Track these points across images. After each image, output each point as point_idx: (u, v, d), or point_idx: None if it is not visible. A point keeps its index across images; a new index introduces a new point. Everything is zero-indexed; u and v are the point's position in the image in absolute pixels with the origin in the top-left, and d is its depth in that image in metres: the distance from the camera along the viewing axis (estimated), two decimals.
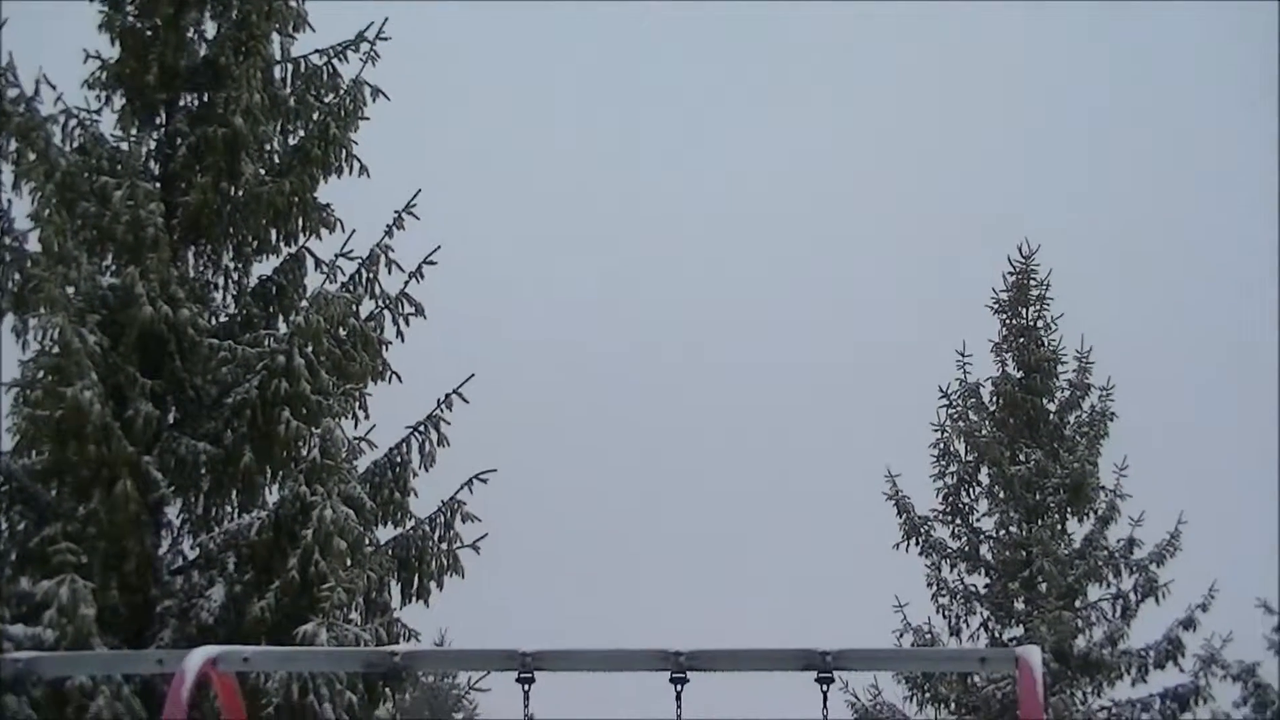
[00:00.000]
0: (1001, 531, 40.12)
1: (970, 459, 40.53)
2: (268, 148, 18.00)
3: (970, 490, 40.76)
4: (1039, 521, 38.98)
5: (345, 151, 18.10)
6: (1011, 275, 39.37)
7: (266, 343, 16.83)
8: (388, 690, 16.73)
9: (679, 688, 7.17)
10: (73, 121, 17.43)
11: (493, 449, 19.54)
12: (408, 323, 18.16)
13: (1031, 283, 39.34)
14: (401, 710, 18.46)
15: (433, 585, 17.51)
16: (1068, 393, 40.54)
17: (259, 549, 15.87)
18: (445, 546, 17.64)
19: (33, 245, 16.67)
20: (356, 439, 17.91)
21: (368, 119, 18.43)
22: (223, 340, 16.89)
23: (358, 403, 17.58)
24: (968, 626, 39.66)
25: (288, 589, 15.38)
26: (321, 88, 18.32)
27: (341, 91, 18.25)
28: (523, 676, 7.21)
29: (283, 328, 17.43)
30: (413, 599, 17.50)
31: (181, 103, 17.82)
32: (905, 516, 40.51)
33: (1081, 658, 37.95)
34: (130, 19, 17.64)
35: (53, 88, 17.38)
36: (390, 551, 17.50)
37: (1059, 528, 39.27)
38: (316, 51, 18.41)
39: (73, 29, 17.91)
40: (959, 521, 40.70)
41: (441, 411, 17.98)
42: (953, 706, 39.51)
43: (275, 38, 18.05)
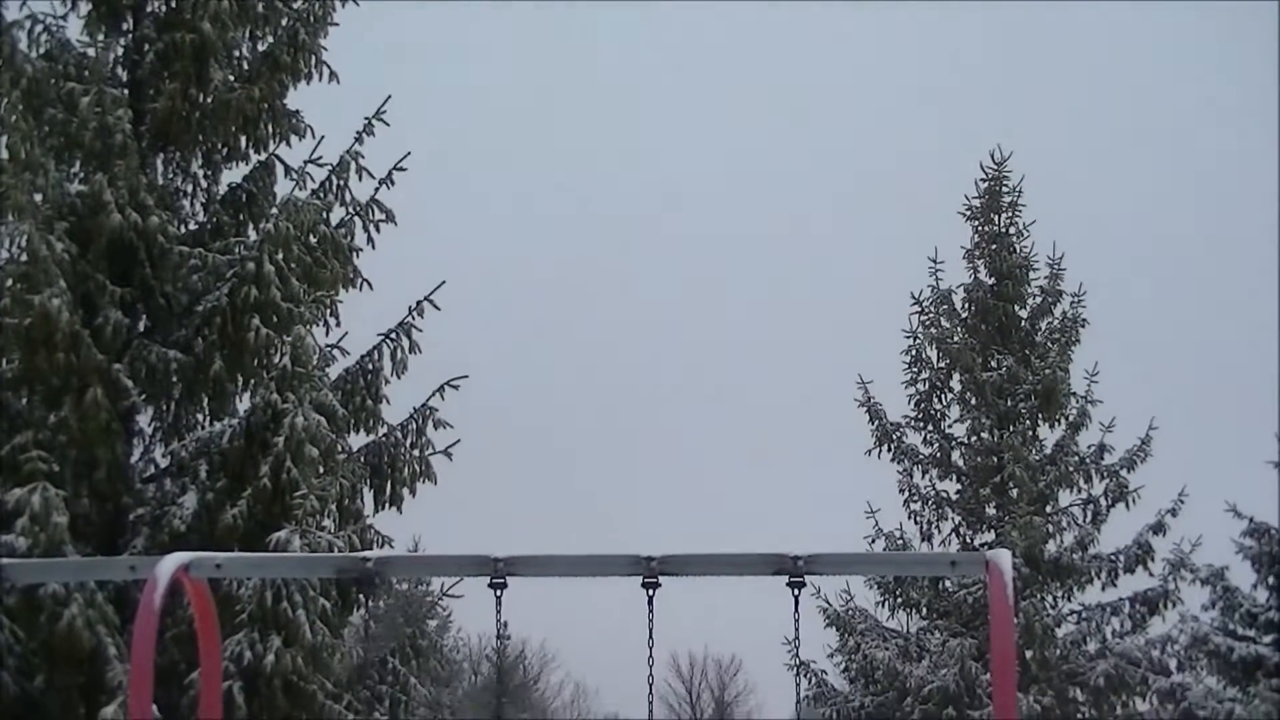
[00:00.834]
0: (973, 437, 40.28)
1: (942, 365, 40.63)
2: (236, 54, 17.83)
3: (942, 396, 40.88)
4: (1010, 427, 39.13)
5: (314, 58, 17.93)
6: (984, 182, 39.33)
7: (236, 250, 16.75)
8: (361, 596, 16.78)
9: (651, 592, 7.17)
10: (39, 27, 17.23)
11: (465, 356, 19.51)
12: (378, 230, 18.06)
13: (1003, 189, 39.31)
14: (375, 617, 18.52)
15: (405, 492, 17.52)
16: (1039, 299, 40.62)
17: (231, 456, 15.85)
18: (417, 453, 17.63)
19: None
20: (328, 346, 17.87)
21: (337, 25, 18.26)
22: (192, 248, 16.80)
23: (329, 310, 17.52)
24: (939, 532, 39.87)
25: (260, 496, 15.38)
26: None
27: None
28: (495, 582, 7.21)
29: (253, 235, 17.34)
30: (385, 506, 17.51)
31: (149, 8, 17.61)
32: (877, 423, 40.64)
33: (1052, 562, 38.21)
34: None
35: None
36: (362, 458, 17.49)
37: (1030, 434, 39.43)
38: None
39: None
40: (930, 428, 40.84)
41: (413, 319, 17.93)
42: (924, 611, 39.80)
43: None
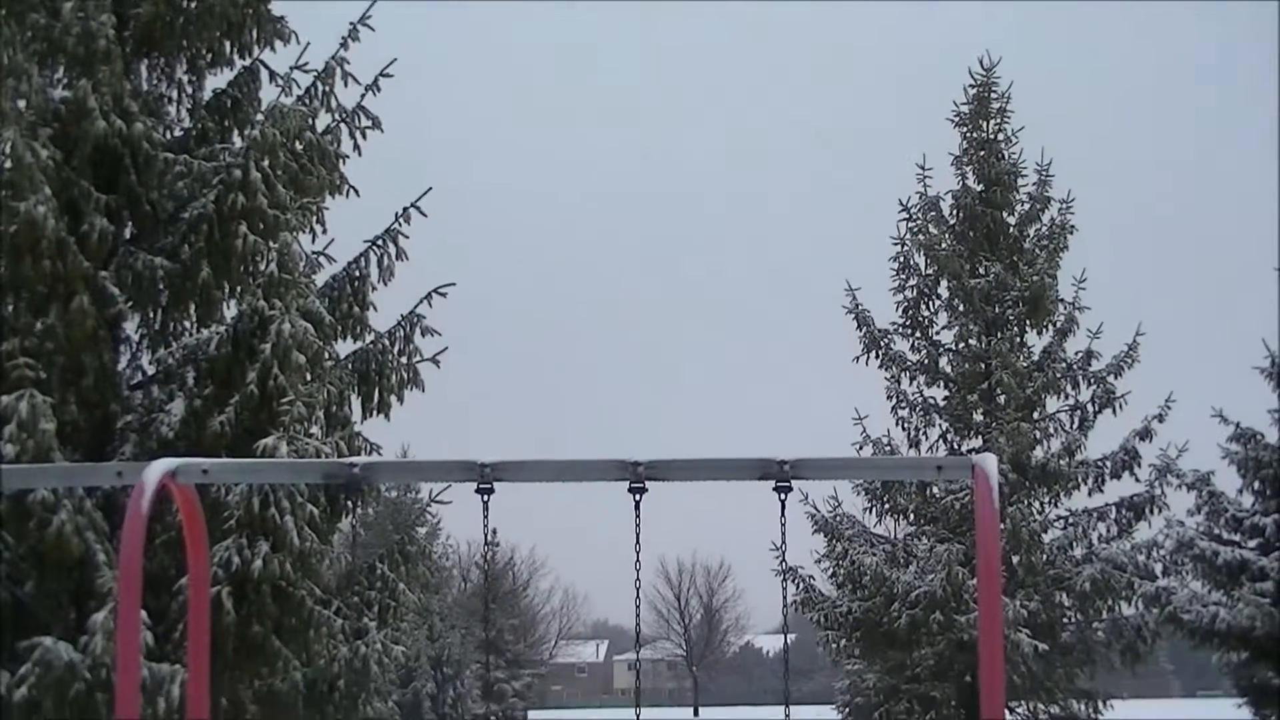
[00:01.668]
0: (960, 344, 40.38)
1: (930, 272, 40.68)
2: None
3: (930, 303, 40.96)
4: (998, 334, 39.24)
5: None
6: (972, 88, 39.23)
7: (222, 157, 16.65)
8: (349, 503, 16.84)
9: (637, 498, 7.19)
10: None
11: (452, 263, 19.48)
12: (364, 136, 17.97)
13: (992, 95, 39.24)
14: (364, 524, 18.59)
15: (393, 399, 17.53)
16: (1027, 206, 40.62)
17: (218, 364, 15.83)
18: (405, 360, 17.63)
19: None
20: (314, 253, 17.84)
21: None
22: (178, 154, 16.70)
23: (315, 217, 17.46)
24: (927, 439, 40.04)
25: (247, 403, 15.39)
26: None
27: None
28: (482, 487, 7.22)
29: (238, 142, 17.23)
30: (373, 413, 17.53)
31: None
32: (865, 330, 40.73)
33: (1039, 468, 38.41)
34: None
35: None
36: (350, 365, 17.49)
37: (1018, 340, 39.55)
38: None
39: None
40: (918, 334, 40.95)
41: (400, 225, 17.87)
42: (911, 517, 40.05)
43: None
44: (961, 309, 40.02)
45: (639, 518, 7.35)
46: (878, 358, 40.69)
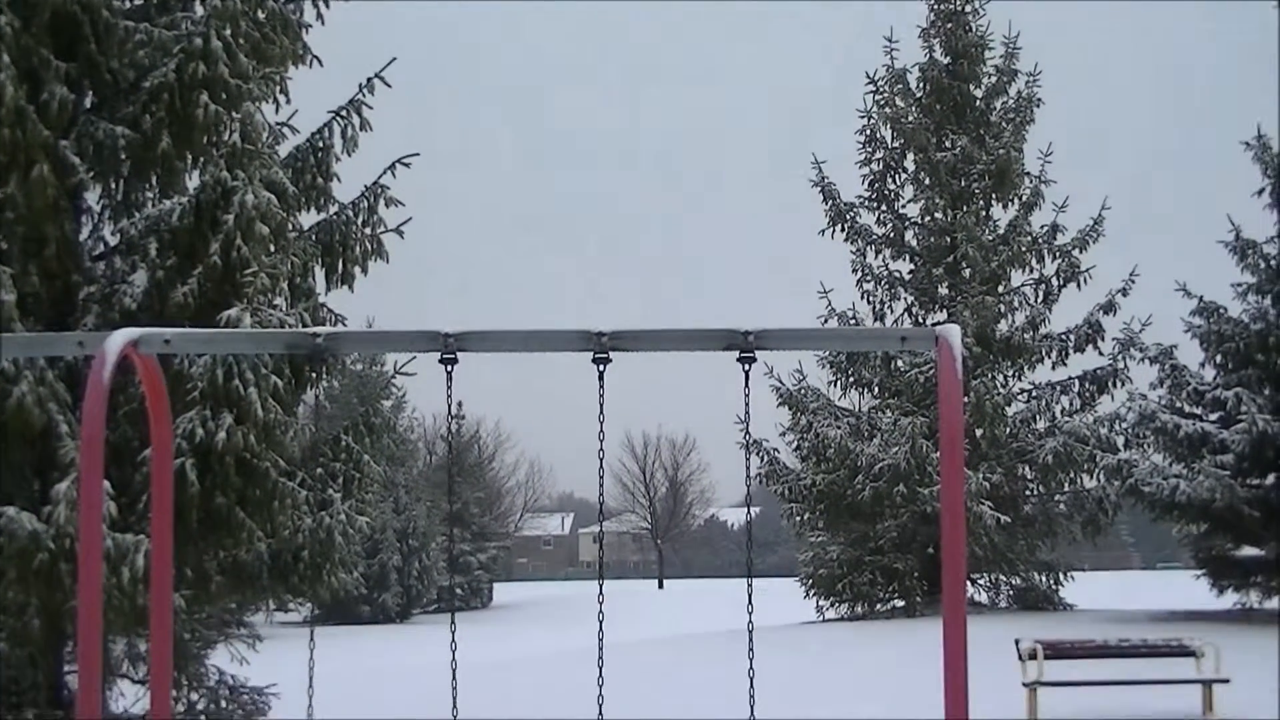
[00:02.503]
0: (926, 217, 40.47)
1: (896, 145, 40.67)
2: None
3: (896, 176, 40.97)
4: (964, 208, 39.30)
5: None
6: None
7: (183, 25, 16.40)
8: (313, 375, 16.80)
9: (601, 368, 7.17)
10: None
11: (416, 133, 19.32)
12: (327, 5, 17.74)
13: None
14: (330, 397, 18.56)
15: (357, 270, 17.45)
16: (994, 78, 40.56)
17: (181, 234, 15.71)
18: (369, 231, 17.53)
19: None
20: (277, 124, 17.66)
21: None
22: (138, 22, 16.45)
23: (278, 87, 17.25)
24: (892, 312, 40.29)
25: (210, 274, 15.29)
26: None
27: None
28: (445, 357, 7.19)
29: (199, 10, 16.95)
30: (337, 284, 17.46)
31: None
32: (831, 203, 40.72)
33: (1003, 342, 38.64)
34: None
35: None
36: (313, 237, 17.38)
37: (983, 214, 39.65)
38: None
39: None
40: (884, 208, 41.02)
41: (363, 95, 17.69)
42: (876, 391, 40.34)
43: None
44: (927, 182, 40.04)
45: (603, 388, 7.34)
46: (843, 231, 40.77)
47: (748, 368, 7.10)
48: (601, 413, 7.41)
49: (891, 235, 40.79)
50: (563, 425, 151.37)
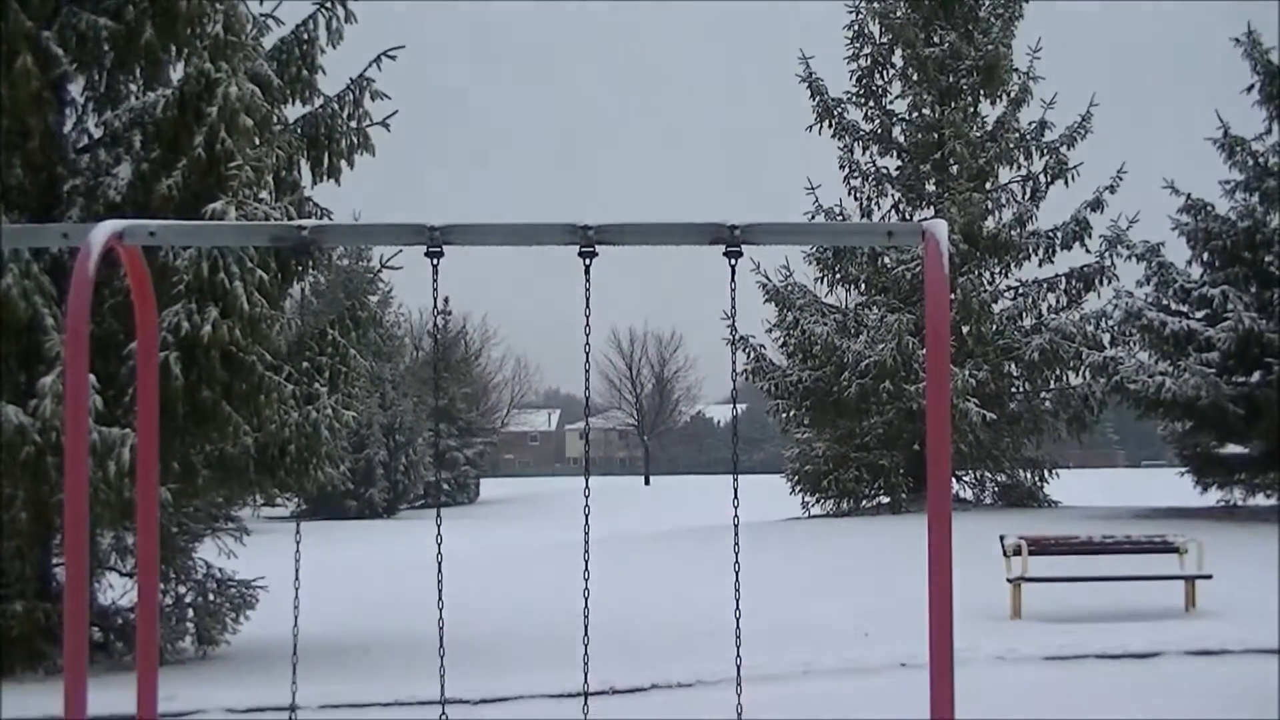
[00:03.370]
0: (914, 114, 40.29)
1: (884, 40, 40.41)
2: None
3: (884, 73, 40.75)
4: (952, 104, 39.13)
5: None
6: None
7: None
8: (299, 268, 16.75)
9: (587, 262, 7.13)
10: None
11: (402, 26, 19.15)
12: None
13: None
14: (316, 292, 18.52)
15: (343, 163, 17.37)
16: None
17: (165, 126, 15.60)
18: (355, 124, 17.43)
19: None
20: (262, 16, 17.54)
21: None
22: None
23: None
24: (879, 209, 40.20)
25: (195, 167, 15.21)
26: None
27: None
28: (431, 251, 7.16)
29: None
30: (322, 178, 17.38)
31: None
32: (819, 99, 40.51)
33: (990, 239, 38.59)
34: None
35: None
36: (298, 130, 17.29)
37: (971, 110, 39.46)
38: None
39: None
40: (872, 104, 40.81)
41: None
42: (863, 288, 40.33)
43: None
44: (915, 78, 39.86)
45: (589, 283, 7.31)
46: (831, 127, 40.59)
47: (734, 263, 7.08)
48: (588, 307, 7.39)
49: (879, 131, 40.65)
50: (549, 322, 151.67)
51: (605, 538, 27.04)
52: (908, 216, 39.66)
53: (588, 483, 8.02)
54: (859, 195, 40.35)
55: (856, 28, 40.37)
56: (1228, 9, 42.58)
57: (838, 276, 40.35)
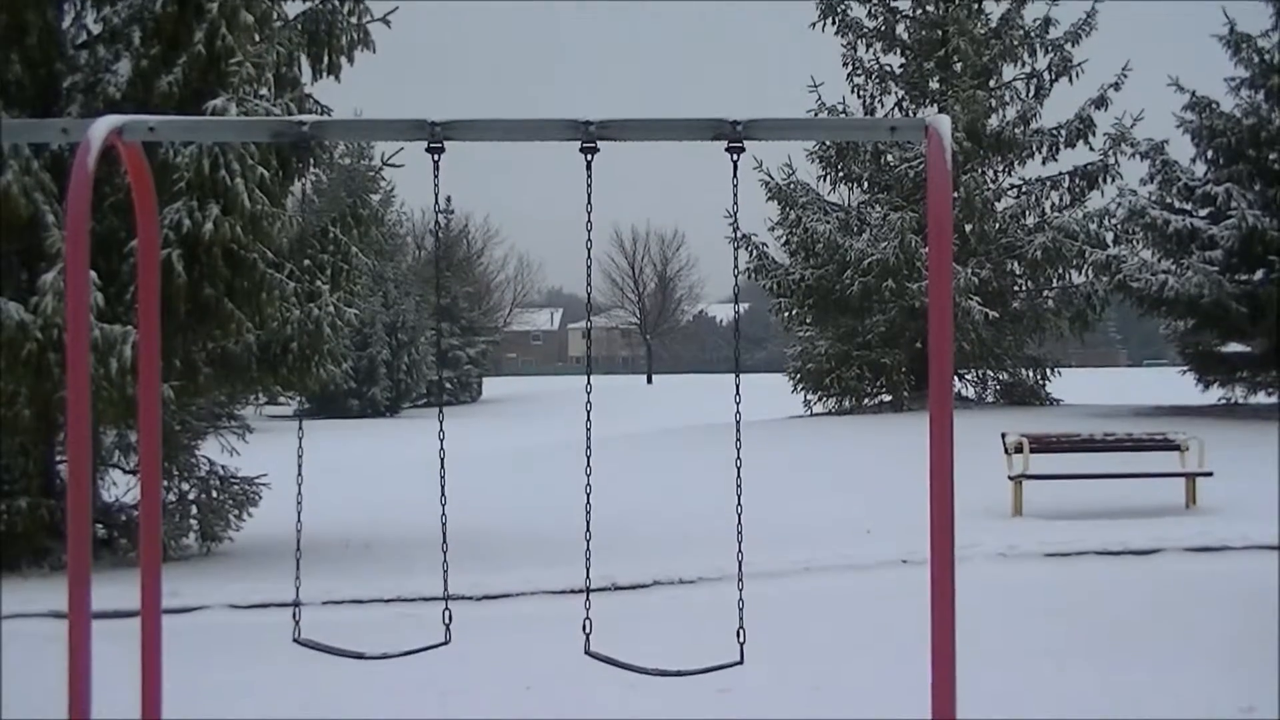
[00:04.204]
0: (918, 10, 40.00)
1: None
2: None
3: None
4: (955, 0, 38.77)
5: None
6: None
7: None
8: (299, 166, 16.69)
9: (589, 158, 7.11)
10: None
11: None
12: None
13: None
14: (318, 191, 18.46)
15: (343, 60, 17.24)
16: None
17: (164, 22, 15.49)
18: (355, 20, 17.29)
19: None
20: None
21: None
22: None
23: None
24: (882, 106, 39.99)
25: (195, 63, 15.13)
26: None
27: None
28: (432, 146, 7.13)
29: None
30: (323, 74, 17.25)
31: None
32: None
33: (993, 137, 38.43)
34: None
35: None
36: (299, 26, 17.14)
37: (975, 6, 39.18)
38: None
39: None
40: (875, 0, 40.45)
41: None
42: (865, 185, 40.19)
43: None
44: None
45: (590, 179, 7.29)
46: (834, 24, 40.32)
47: (736, 158, 7.05)
48: (589, 203, 7.37)
49: (882, 28, 40.37)
50: (551, 221, 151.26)
51: (607, 437, 27.13)
52: (911, 114, 39.45)
53: (590, 381, 8.02)
54: (862, 93, 40.15)
55: None
56: None
57: (840, 174, 40.21)
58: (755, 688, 9.28)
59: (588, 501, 7.84)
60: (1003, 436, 19.68)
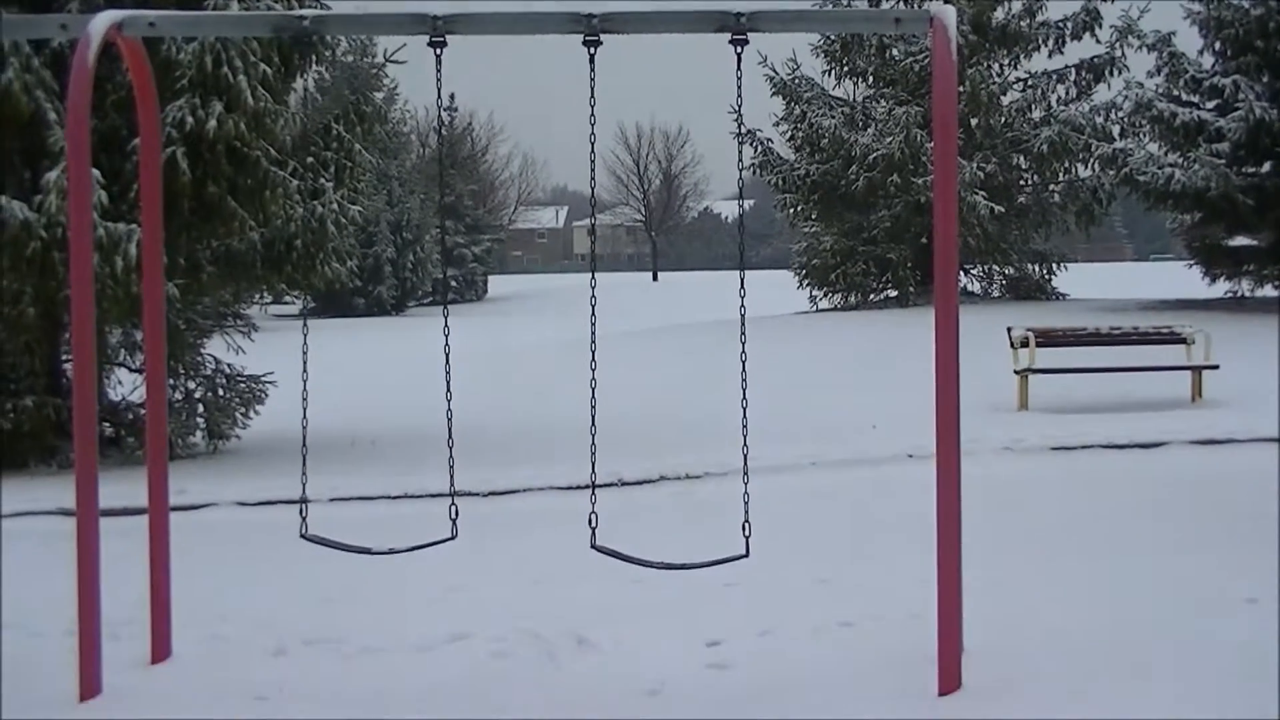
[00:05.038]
0: None
1: None
2: None
3: None
4: None
5: None
6: None
7: None
8: (302, 62, 16.60)
9: (592, 50, 7.08)
10: None
11: None
12: None
13: None
14: (320, 89, 18.36)
15: None
16: None
17: None
18: None
19: None
20: None
21: None
22: None
23: None
24: (887, 2, 39.62)
25: None
26: None
27: None
28: (434, 40, 7.11)
29: None
30: None
31: None
32: None
33: (999, 30, 38.16)
34: None
35: None
36: None
37: None
38: None
39: None
40: None
41: None
42: (870, 80, 39.94)
43: None
44: None
45: (594, 73, 7.26)
46: None
47: (740, 50, 7.02)
48: (593, 97, 7.34)
49: None
50: (556, 118, 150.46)
51: (613, 334, 27.17)
52: (916, 6, 39.14)
53: (595, 279, 8.02)
54: None
55: None
56: None
57: (845, 69, 39.95)
58: (761, 581, 9.32)
59: (593, 397, 7.86)
60: (1008, 331, 19.67)
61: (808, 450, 15.53)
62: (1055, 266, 40.93)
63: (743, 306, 7.69)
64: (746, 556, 7.48)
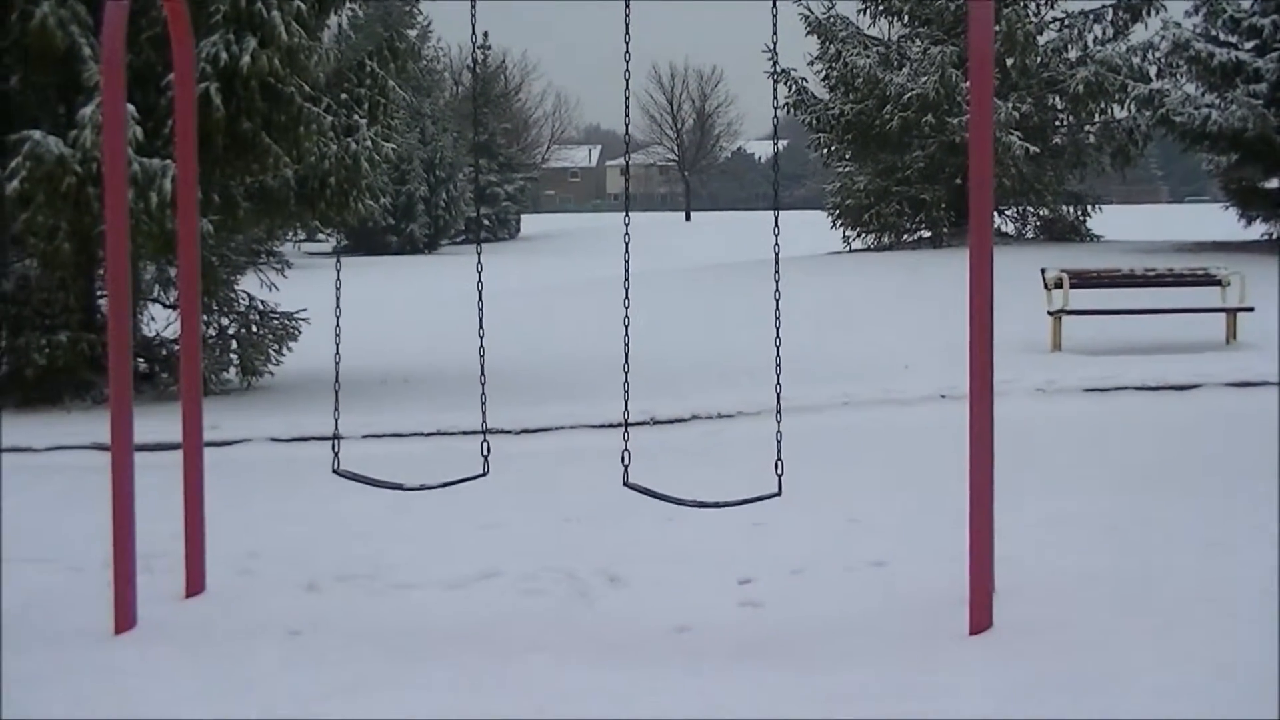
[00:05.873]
0: None
1: None
2: None
3: None
4: None
5: None
6: None
7: None
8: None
9: None
10: None
11: None
12: None
13: None
14: (354, 27, 18.32)
15: None
16: None
17: None
18: None
19: None
20: None
21: None
22: None
23: None
24: None
25: None
26: None
27: None
28: None
29: None
30: None
31: None
32: None
33: None
34: None
35: None
36: None
37: None
38: None
39: None
40: None
41: None
42: (906, 19, 39.67)
43: None
44: None
45: (629, 12, 7.22)
46: None
47: None
48: (627, 34, 7.31)
49: None
50: (589, 57, 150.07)
51: (645, 273, 27.11)
52: None
53: (628, 218, 8.00)
54: None
55: None
56: None
57: (880, 8, 39.69)
58: (792, 520, 9.34)
59: (626, 335, 7.86)
60: (1042, 272, 19.61)
61: (840, 390, 15.53)
62: (1090, 208, 40.72)
63: (776, 246, 7.68)
64: (779, 495, 7.49)
